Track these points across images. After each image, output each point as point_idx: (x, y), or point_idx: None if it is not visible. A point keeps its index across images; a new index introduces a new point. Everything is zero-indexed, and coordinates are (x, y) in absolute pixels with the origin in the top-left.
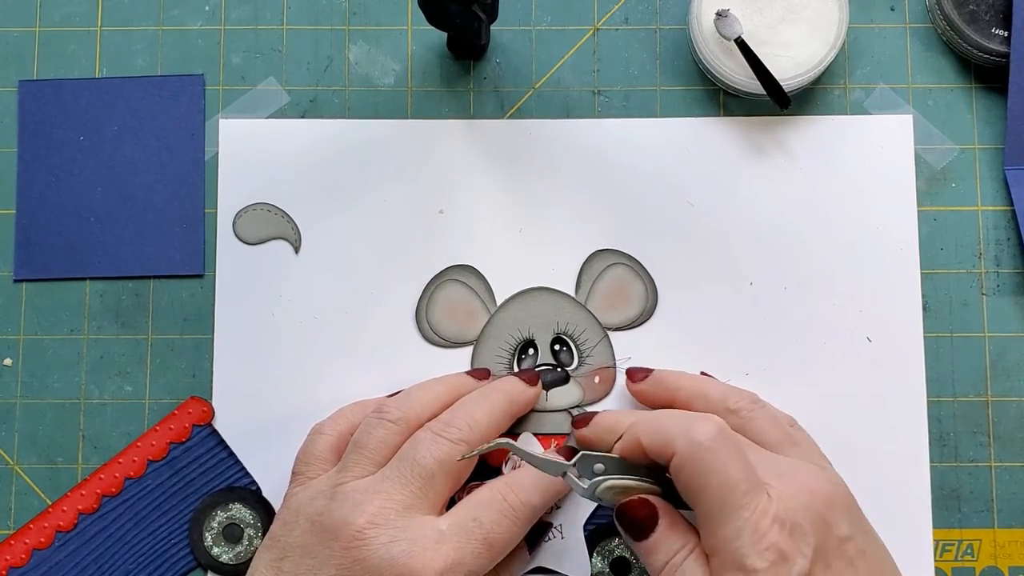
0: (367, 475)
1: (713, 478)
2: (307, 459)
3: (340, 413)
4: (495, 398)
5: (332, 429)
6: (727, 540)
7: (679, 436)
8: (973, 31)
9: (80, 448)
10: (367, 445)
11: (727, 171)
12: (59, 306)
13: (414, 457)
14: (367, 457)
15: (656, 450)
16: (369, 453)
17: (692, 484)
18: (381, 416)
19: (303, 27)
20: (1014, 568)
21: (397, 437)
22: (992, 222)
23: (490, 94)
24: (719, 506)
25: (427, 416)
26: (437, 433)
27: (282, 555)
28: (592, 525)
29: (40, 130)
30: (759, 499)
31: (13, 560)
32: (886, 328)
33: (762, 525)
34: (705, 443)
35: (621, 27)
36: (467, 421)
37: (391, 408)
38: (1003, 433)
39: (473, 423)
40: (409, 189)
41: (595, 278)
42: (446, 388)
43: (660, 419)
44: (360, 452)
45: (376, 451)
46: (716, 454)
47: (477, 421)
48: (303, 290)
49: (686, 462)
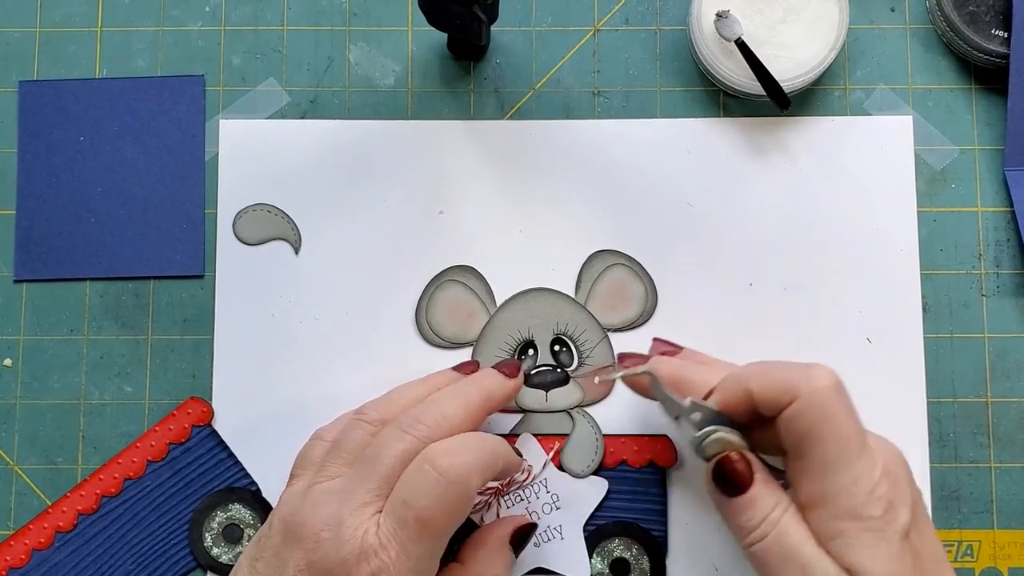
0: (339, 476)
1: (834, 426)
2: (302, 462)
3: (342, 418)
4: (469, 392)
5: (331, 435)
6: (842, 488)
7: (800, 380)
8: (973, 32)
9: (80, 448)
10: (343, 447)
11: (727, 172)
12: (59, 306)
13: (376, 454)
14: (342, 458)
15: (773, 397)
16: (344, 454)
17: (812, 431)
18: (359, 417)
19: (303, 28)
20: (1014, 569)
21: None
22: (992, 223)
23: (490, 95)
24: (836, 455)
25: None
26: (403, 429)
27: (259, 555)
28: (592, 526)
29: (40, 130)
30: (870, 451)
31: (13, 560)
32: (886, 329)
33: (875, 475)
34: (828, 388)
35: (621, 28)
36: (436, 417)
37: (369, 409)
38: (1003, 434)
39: (443, 419)
40: (409, 190)
41: (595, 279)
42: (428, 387)
43: (773, 367)
44: (336, 453)
45: (351, 452)
46: (837, 403)
47: (448, 416)
48: (303, 291)
49: (808, 408)
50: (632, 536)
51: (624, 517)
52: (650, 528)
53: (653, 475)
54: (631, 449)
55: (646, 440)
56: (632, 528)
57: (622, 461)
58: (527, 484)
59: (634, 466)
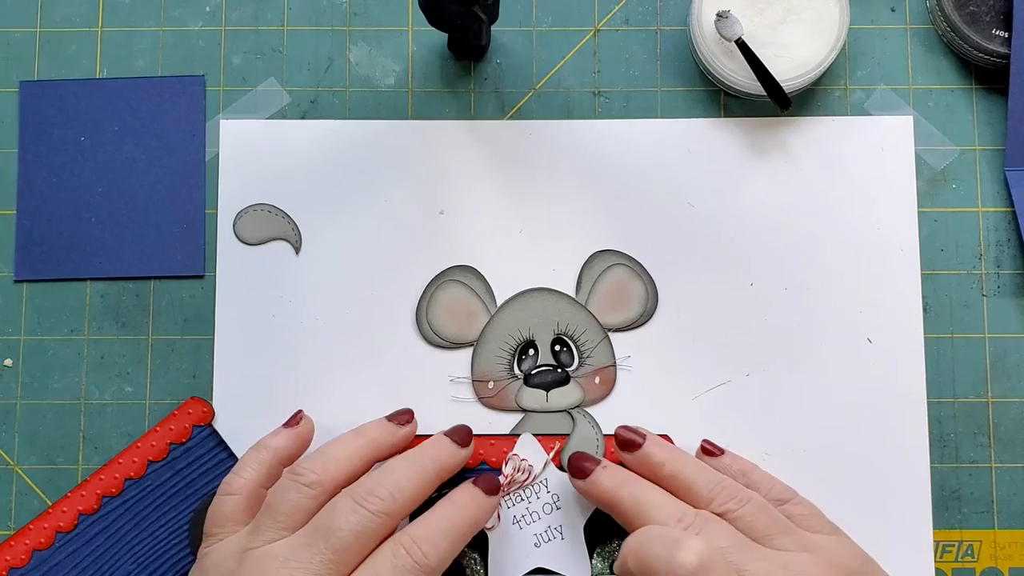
0: (279, 539)
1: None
2: (218, 520)
3: (244, 464)
4: (422, 464)
5: (240, 487)
6: None
7: (661, 568)
8: (974, 32)
9: (80, 449)
10: (279, 508)
11: (728, 172)
12: (59, 307)
13: (329, 526)
14: (280, 522)
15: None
16: (282, 517)
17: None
18: (295, 478)
19: (304, 28)
20: (1014, 569)
21: (311, 501)
22: (992, 223)
23: (491, 95)
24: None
25: (344, 477)
26: (357, 502)
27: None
28: (593, 526)
29: (41, 130)
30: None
31: (13, 560)
32: (886, 329)
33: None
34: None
35: (622, 28)
36: (390, 490)
37: (305, 470)
38: (1003, 434)
39: (397, 492)
40: (409, 190)
41: (595, 279)
42: (364, 443)
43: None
44: (272, 516)
45: (289, 515)
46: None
47: (401, 489)
48: (303, 291)
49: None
50: None
51: None
52: None
53: None
54: None
55: None
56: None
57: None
58: (528, 484)
59: None
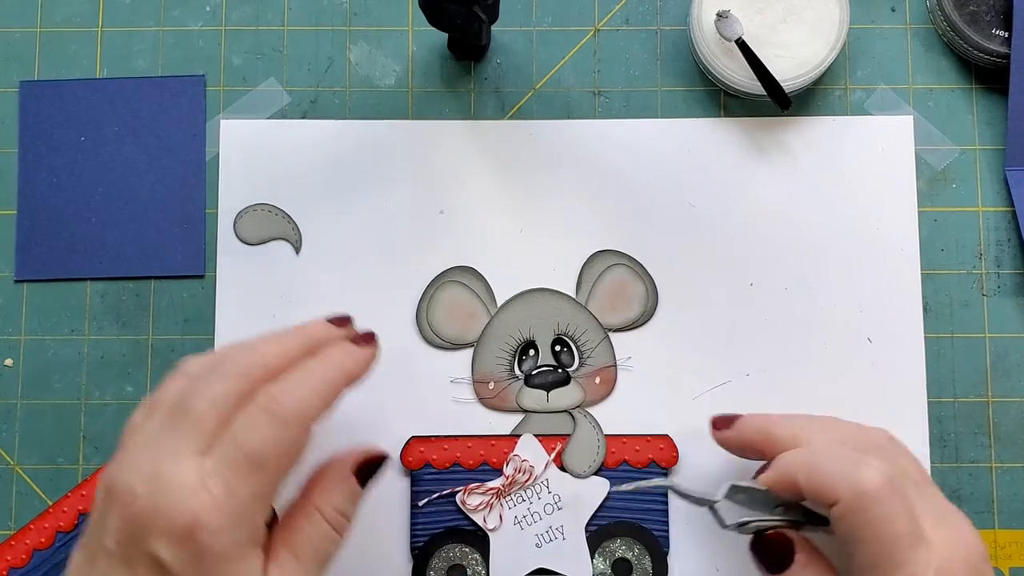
0: None
1: (877, 530)
2: (127, 430)
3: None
4: (325, 371)
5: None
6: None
7: (843, 483)
8: (974, 32)
9: (81, 448)
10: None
11: (728, 172)
12: (60, 307)
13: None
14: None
15: (816, 493)
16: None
17: (854, 535)
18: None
19: (304, 28)
20: (1015, 569)
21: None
22: (993, 223)
23: (491, 95)
24: (880, 559)
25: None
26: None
27: (85, 529)
28: (594, 526)
29: (41, 130)
30: (921, 554)
31: (13, 560)
32: (887, 329)
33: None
34: (871, 493)
35: (622, 28)
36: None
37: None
38: (1004, 434)
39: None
40: (410, 190)
41: (595, 279)
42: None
43: (821, 460)
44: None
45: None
46: (882, 506)
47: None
48: (304, 291)
49: (850, 512)
50: (634, 536)
51: (626, 517)
52: (652, 528)
53: (654, 475)
54: (632, 449)
55: (647, 440)
56: (634, 528)
57: (623, 461)
58: (529, 485)
59: (635, 466)
